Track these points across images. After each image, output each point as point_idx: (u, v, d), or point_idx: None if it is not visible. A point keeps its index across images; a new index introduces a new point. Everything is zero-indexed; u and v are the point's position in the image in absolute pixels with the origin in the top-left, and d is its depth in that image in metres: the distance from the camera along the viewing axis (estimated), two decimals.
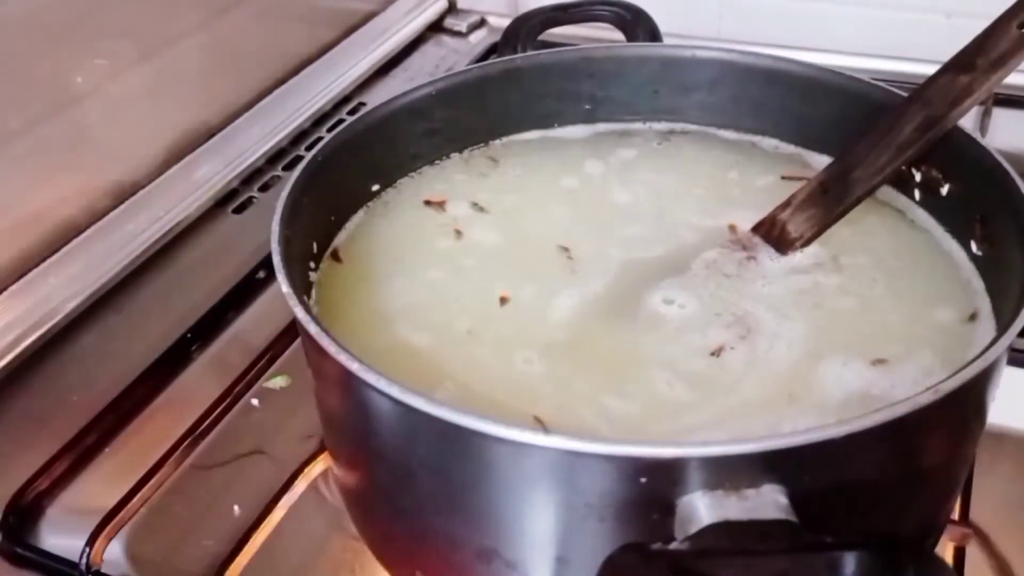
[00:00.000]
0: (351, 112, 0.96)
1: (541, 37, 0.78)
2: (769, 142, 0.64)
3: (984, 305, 0.51)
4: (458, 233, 0.58)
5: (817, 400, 0.46)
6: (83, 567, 0.53)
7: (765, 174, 0.62)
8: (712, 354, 0.49)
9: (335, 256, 0.56)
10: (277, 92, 0.93)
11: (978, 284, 0.52)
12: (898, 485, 0.42)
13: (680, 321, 0.51)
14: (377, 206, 0.60)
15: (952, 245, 0.55)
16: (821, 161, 0.61)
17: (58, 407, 0.64)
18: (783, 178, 0.61)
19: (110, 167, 0.79)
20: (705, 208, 0.59)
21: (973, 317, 0.50)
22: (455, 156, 0.64)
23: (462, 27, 1.11)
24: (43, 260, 0.72)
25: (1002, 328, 0.42)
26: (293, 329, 0.64)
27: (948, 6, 0.96)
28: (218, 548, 0.55)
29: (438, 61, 1.06)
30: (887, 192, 0.58)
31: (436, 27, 1.11)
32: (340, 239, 0.57)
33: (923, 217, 0.57)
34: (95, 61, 0.77)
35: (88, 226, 0.75)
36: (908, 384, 0.46)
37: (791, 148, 0.64)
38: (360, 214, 0.59)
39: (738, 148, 0.64)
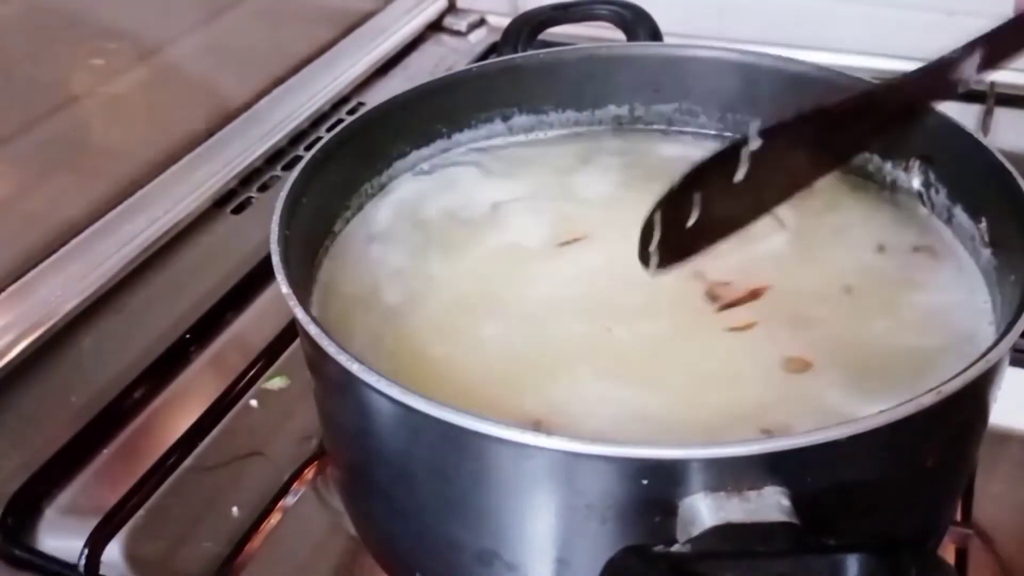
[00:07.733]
0: (350, 112, 0.96)
1: (541, 36, 0.77)
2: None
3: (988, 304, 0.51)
4: None
5: None
6: (82, 569, 0.52)
7: None
8: None
9: None
10: (276, 92, 0.93)
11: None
12: (900, 486, 0.42)
13: None
14: None
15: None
16: None
17: (56, 408, 0.64)
18: None
19: (109, 167, 0.79)
20: None
21: None
22: None
23: (462, 26, 1.11)
24: (42, 260, 0.71)
25: (1005, 329, 0.42)
26: (292, 330, 0.63)
27: (949, 5, 0.96)
28: (217, 550, 0.55)
29: (437, 61, 1.06)
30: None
31: (435, 26, 1.11)
32: None
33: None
34: (93, 61, 0.77)
35: (87, 226, 0.75)
36: None
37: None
38: None
39: None
